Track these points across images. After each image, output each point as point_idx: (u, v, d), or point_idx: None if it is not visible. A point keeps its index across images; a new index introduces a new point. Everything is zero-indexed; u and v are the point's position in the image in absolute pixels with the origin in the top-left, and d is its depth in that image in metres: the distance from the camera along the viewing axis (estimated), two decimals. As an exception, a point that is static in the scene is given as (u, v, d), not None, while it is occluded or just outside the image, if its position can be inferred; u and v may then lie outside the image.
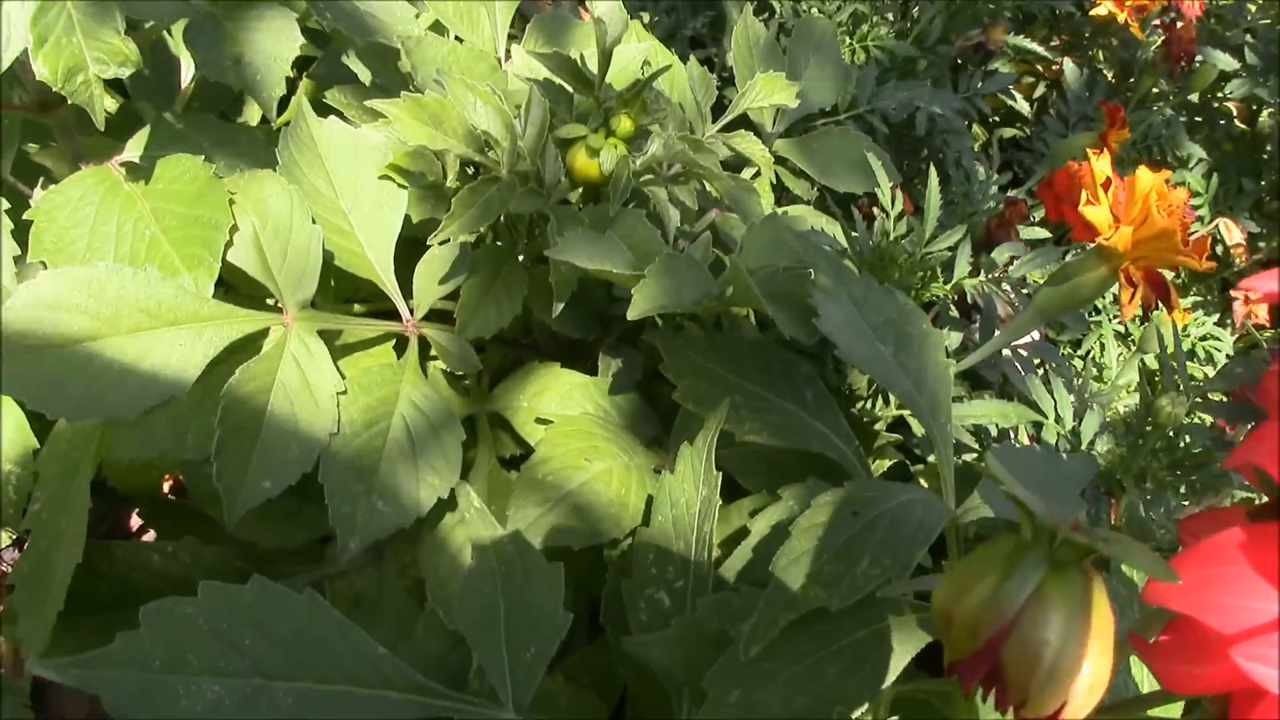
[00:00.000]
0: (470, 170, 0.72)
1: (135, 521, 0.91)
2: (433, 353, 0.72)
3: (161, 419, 0.60)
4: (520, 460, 0.76)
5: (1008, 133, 1.38)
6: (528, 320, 0.80)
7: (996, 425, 0.69)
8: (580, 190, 0.72)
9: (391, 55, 0.83)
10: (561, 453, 0.66)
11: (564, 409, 0.72)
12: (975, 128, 1.32)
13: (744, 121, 0.82)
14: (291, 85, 0.76)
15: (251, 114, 0.94)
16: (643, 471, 0.67)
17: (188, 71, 0.87)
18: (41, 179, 0.75)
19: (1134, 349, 0.91)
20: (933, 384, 0.52)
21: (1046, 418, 0.69)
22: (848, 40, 1.10)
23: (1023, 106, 1.35)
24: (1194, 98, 1.32)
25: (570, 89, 0.72)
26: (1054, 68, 1.39)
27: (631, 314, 0.58)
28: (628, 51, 0.87)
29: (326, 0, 0.76)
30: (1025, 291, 0.70)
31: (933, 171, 0.66)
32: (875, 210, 0.72)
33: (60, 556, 0.60)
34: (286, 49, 0.75)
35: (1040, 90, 1.41)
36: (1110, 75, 1.34)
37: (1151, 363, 0.94)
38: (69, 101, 0.59)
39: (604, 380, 0.74)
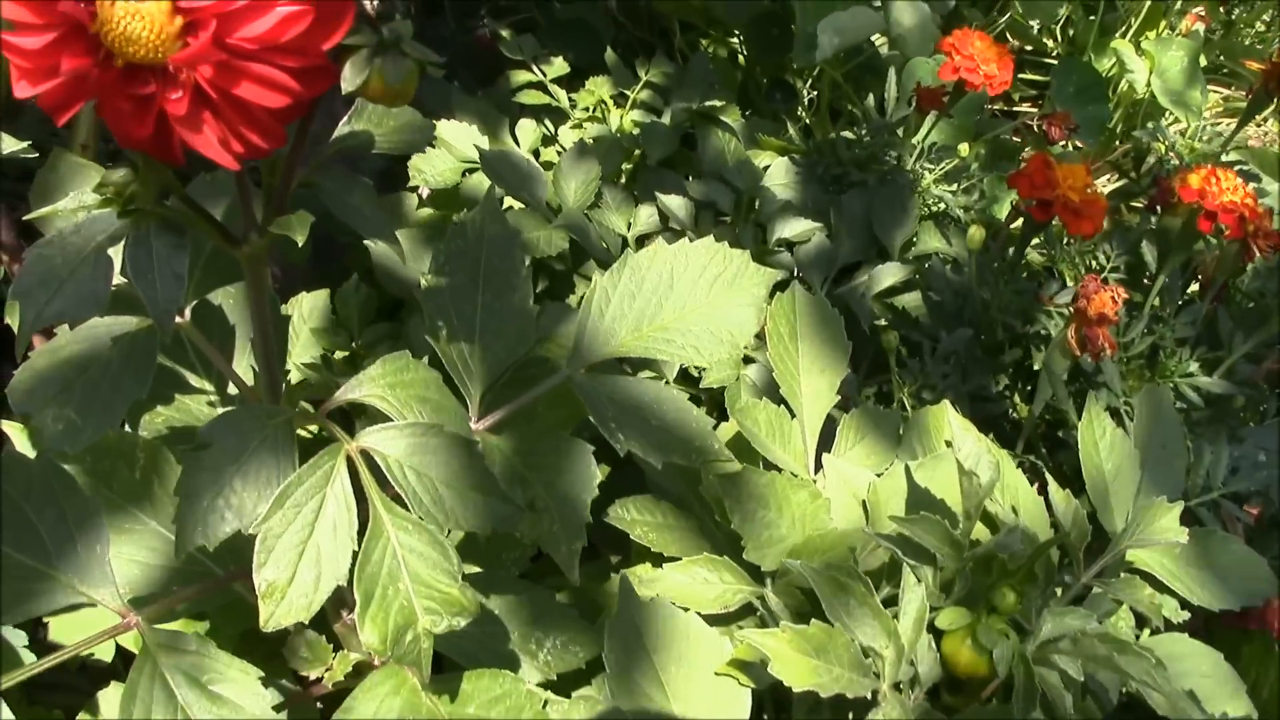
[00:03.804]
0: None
1: None
2: None
3: None
4: None
5: None
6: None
7: None
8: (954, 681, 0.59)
9: (691, 474, 0.73)
10: None
11: None
12: None
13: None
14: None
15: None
16: None
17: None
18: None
19: None
20: None
21: None
22: (1147, 374, 0.97)
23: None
24: None
25: (935, 553, 0.60)
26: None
27: None
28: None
29: (620, 421, 0.66)
30: None
31: None
32: None
33: None
34: (587, 491, 0.66)
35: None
36: None
37: None
38: (392, 657, 0.49)
39: None
